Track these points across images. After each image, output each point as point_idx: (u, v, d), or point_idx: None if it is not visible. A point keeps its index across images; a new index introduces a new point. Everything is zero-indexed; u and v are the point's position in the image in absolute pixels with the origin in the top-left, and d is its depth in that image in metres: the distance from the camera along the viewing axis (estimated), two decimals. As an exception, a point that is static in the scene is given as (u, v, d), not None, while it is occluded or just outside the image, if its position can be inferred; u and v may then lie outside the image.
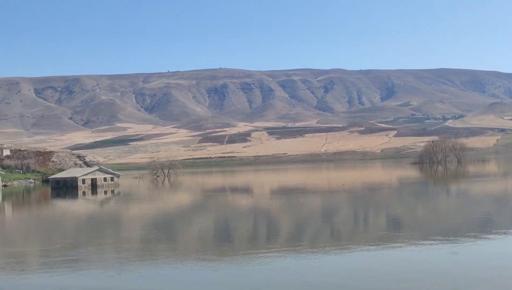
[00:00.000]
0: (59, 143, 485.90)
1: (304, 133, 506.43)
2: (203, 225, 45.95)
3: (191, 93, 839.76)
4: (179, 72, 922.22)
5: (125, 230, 44.33)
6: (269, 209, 57.61)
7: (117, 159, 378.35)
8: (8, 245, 37.16)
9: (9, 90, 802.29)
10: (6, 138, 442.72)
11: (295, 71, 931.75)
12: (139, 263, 28.20)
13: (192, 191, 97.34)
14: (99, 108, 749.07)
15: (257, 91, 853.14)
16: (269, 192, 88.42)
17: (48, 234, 42.86)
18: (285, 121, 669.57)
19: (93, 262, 28.85)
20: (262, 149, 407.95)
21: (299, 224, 44.03)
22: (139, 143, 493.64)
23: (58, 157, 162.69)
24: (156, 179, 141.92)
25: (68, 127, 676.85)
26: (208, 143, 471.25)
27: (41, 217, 60.82)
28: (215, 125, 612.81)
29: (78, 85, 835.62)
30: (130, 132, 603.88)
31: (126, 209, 64.93)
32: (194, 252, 31.65)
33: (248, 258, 28.83)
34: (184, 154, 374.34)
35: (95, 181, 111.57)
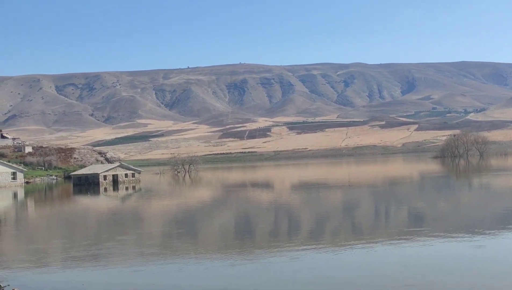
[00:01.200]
0: (81, 139, 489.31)
1: (324, 127, 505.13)
2: (224, 220, 46.01)
3: (211, 88, 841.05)
4: (199, 68, 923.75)
5: (146, 226, 44.52)
6: (289, 204, 57.55)
7: (138, 155, 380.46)
8: (31, 241, 37.48)
9: (30, 88, 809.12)
10: (28, 135, 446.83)
11: (315, 65, 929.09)
12: (160, 258, 28.30)
13: (212, 187, 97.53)
14: (119, 104, 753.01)
15: (277, 86, 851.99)
16: (289, 187, 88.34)
17: (70, 230, 43.17)
18: (305, 116, 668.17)
19: (115, 258, 28.99)
20: (282, 144, 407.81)
21: (320, 219, 43.92)
22: (159, 139, 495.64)
23: (80, 154, 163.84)
24: (177, 175, 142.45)
25: (89, 124, 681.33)
26: (228, 139, 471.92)
27: (64, 213, 61.27)
28: (235, 121, 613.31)
29: (99, 82, 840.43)
30: (150, 128, 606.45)
31: (147, 205, 65.22)
32: (215, 247, 31.68)
33: (269, 253, 28.79)
34: (204, 150, 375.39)
35: (116, 177, 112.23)
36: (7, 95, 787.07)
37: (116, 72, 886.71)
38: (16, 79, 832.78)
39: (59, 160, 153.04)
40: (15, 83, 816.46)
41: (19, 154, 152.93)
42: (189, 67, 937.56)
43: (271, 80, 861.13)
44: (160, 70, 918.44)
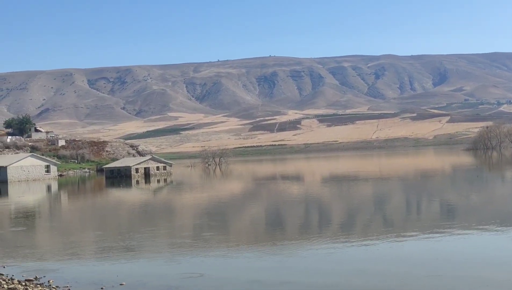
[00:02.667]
0: (112, 133, 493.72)
1: (355, 120, 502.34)
2: (254, 213, 46.31)
3: (241, 81, 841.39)
4: (228, 61, 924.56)
5: (178, 218, 45.04)
6: (320, 196, 57.66)
7: (169, 148, 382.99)
8: (65, 233, 38.16)
9: (63, 82, 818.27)
10: (61, 129, 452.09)
11: (345, 57, 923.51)
12: (191, 250, 28.66)
13: (243, 179, 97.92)
14: (151, 98, 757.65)
15: (307, 78, 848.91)
16: (320, 179, 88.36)
17: (103, 222, 43.86)
18: (335, 108, 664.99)
19: (147, 249, 29.45)
20: (312, 137, 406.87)
21: (351, 212, 43.99)
22: (190, 132, 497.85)
23: (112, 147, 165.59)
24: (208, 168, 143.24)
25: (121, 117, 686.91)
26: (259, 132, 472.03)
27: (96, 205, 62.20)
28: (265, 114, 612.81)
29: (130, 76, 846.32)
30: (181, 121, 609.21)
31: (179, 198, 65.85)
32: (246, 240, 32.00)
33: (299, 245, 29.00)
34: (235, 143, 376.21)
35: (148, 170, 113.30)
36: (41, 89, 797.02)
37: (147, 65, 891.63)
38: (49, 73, 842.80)
39: (92, 153, 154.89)
40: (48, 77, 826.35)
41: (53, 148, 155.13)
42: (219, 60, 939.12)
43: (301, 73, 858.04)
44: (191, 63, 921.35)
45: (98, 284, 20.87)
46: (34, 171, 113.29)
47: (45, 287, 20.36)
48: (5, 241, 34.82)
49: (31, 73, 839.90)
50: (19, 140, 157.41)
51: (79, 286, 20.51)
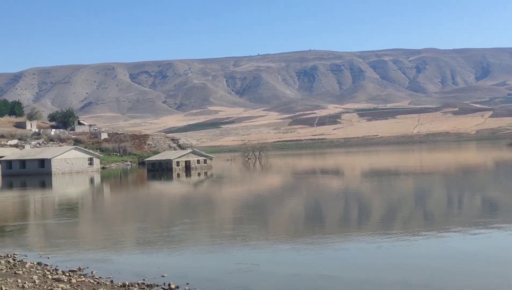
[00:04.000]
0: (154, 126, 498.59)
1: (395, 114, 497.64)
2: (294, 207, 46.41)
3: (280, 75, 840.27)
4: (268, 55, 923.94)
5: (218, 211, 45.40)
6: (360, 191, 57.45)
7: (209, 141, 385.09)
8: (108, 225, 38.83)
9: (105, 76, 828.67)
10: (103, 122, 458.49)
11: (386, 51, 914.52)
12: (231, 243, 28.91)
13: (282, 173, 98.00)
14: (191, 91, 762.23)
15: (347, 72, 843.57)
16: (360, 174, 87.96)
17: (145, 215, 44.45)
18: (376, 103, 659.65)
19: (188, 242, 29.80)
20: (352, 131, 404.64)
21: (390, 207, 43.78)
22: (230, 126, 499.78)
23: (153, 140, 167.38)
24: (247, 162, 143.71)
25: (162, 111, 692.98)
26: (298, 126, 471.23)
27: (138, 198, 63.01)
28: (305, 108, 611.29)
29: (171, 70, 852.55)
30: (221, 115, 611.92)
31: (219, 191, 66.30)
32: (285, 233, 32.13)
33: (339, 240, 29.03)
34: (274, 137, 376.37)
35: (188, 163, 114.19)
36: (84, 83, 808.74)
37: (188, 59, 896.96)
38: (92, 67, 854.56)
39: (134, 146, 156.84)
40: (91, 71, 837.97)
41: (95, 141, 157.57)
42: (259, 54, 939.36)
43: (341, 67, 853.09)
44: (231, 57, 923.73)
45: (140, 275, 21.25)
46: (77, 163, 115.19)
47: (88, 278, 20.80)
48: (50, 232, 35.61)
49: (74, 67, 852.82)
50: (62, 133, 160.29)
51: (121, 277, 20.92)
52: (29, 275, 20.71)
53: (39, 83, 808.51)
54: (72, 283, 19.43)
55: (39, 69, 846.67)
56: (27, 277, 20.26)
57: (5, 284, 18.50)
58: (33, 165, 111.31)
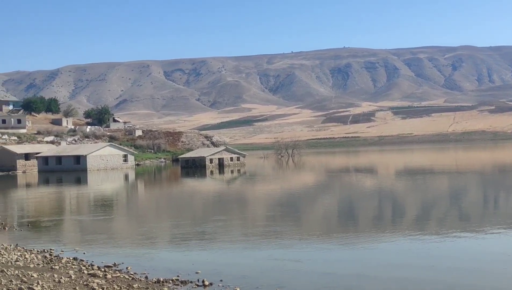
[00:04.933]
0: (187, 124, 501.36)
1: (430, 112, 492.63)
2: (327, 205, 46.30)
3: (314, 73, 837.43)
4: (302, 52, 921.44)
5: (251, 208, 45.52)
6: (394, 190, 57.04)
7: (242, 139, 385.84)
8: (142, 221, 39.17)
9: (140, 73, 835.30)
10: (138, 119, 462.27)
11: (421, 48, 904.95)
12: (264, 240, 28.95)
13: (316, 171, 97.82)
14: (225, 89, 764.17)
15: (382, 70, 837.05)
16: (394, 172, 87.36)
17: (178, 211, 44.77)
18: (410, 101, 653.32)
19: (221, 239, 29.91)
20: (386, 129, 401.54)
21: (425, 206, 43.37)
22: (263, 123, 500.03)
23: (187, 137, 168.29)
24: (280, 159, 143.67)
25: (196, 108, 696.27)
26: (332, 124, 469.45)
27: (172, 195, 63.48)
28: (339, 105, 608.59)
29: (205, 67, 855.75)
30: (254, 112, 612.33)
31: (252, 188, 66.43)
32: (318, 231, 32.07)
33: (372, 238, 28.89)
34: (307, 135, 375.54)
35: (222, 160, 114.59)
36: (119, 80, 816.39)
37: (222, 57, 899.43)
38: (127, 64, 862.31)
39: (168, 144, 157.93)
40: (126, 69, 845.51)
41: (130, 137, 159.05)
42: (292, 52, 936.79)
43: (376, 64, 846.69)
44: (264, 55, 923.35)
45: (174, 271, 21.40)
46: (112, 160, 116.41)
47: (123, 274, 21.03)
48: (85, 228, 36.08)
49: (110, 64, 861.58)
50: (98, 130, 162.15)
51: (156, 273, 21.10)
52: (65, 270, 21.02)
53: (75, 81, 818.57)
54: (107, 279, 19.66)
55: (75, 66, 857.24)
56: (63, 272, 20.56)
57: (42, 279, 18.81)
58: (69, 162, 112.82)
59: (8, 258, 23.17)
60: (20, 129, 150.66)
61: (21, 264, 22.02)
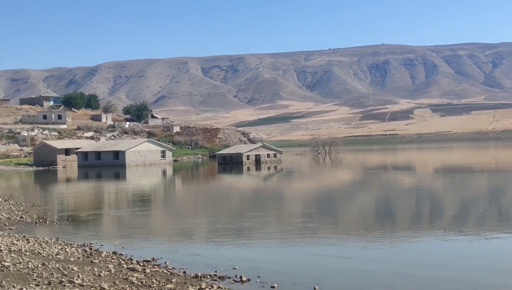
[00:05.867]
0: (224, 120, 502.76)
1: (470, 110, 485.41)
2: (364, 202, 46.05)
3: (352, 70, 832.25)
4: (340, 49, 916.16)
5: (287, 205, 45.53)
6: (432, 188, 56.42)
7: (279, 136, 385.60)
8: (179, 217, 39.48)
9: (178, 70, 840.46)
10: (176, 116, 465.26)
11: (461, 45, 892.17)
12: (301, 237, 28.95)
13: (353, 169, 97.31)
14: (262, 86, 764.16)
15: (420, 67, 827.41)
16: (432, 170, 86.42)
17: (215, 207, 45.00)
18: (449, 98, 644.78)
19: (258, 235, 29.98)
20: (425, 127, 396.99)
21: (464, 205, 42.84)
22: (300, 120, 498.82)
23: (224, 134, 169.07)
24: (317, 156, 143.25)
25: (233, 105, 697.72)
26: (369, 121, 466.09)
27: (209, 190, 63.83)
28: (376, 102, 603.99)
29: (242, 64, 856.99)
30: (291, 109, 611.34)
31: (288, 185, 66.42)
32: (355, 229, 31.95)
33: (410, 237, 28.67)
34: (344, 132, 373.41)
35: (259, 157, 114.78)
36: (157, 76, 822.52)
37: (259, 54, 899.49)
38: (165, 61, 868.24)
39: (205, 140, 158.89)
40: (164, 65, 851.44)
41: (168, 134, 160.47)
42: (330, 48, 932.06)
43: (414, 61, 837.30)
44: (302, 51, 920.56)
45: (212, 267, 21.56)
46: (150, 156, 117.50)
47: (162, 268, 21.26)
48: (124, 223, 36.53)
49: (148, 61, 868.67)
50: (136, 126, 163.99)
51: (193, 268, 21.28)
52: (105, 264, 21.33)
53: (114, 77, 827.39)
54: (146, 273, 19.90)
55: (114, 63, 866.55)
56: (103, 266, 20.87)
57: (82, 272, 19.13)
58: (108, 157, 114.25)
59: (49, 251, 23.61)
60: (60, 124, 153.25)
61: (62, 257, 22.42)
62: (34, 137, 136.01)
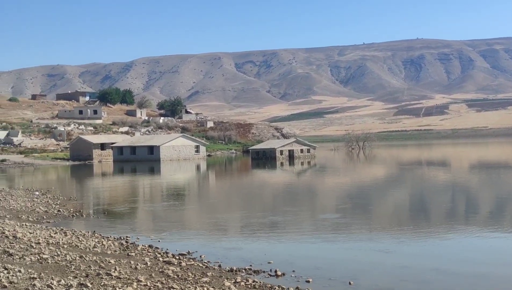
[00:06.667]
0: (258, 115, 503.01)
1: (506, 105, 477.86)
2: (398, 198, 45.75)
3: (386, 65, 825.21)
4: (374, 44, 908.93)
5: (320, 200, 45.45)
6: (467, 184, 55.78)
7: (312, 131, 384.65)
8: (213, 211, 39.65)
9: (212, 65, 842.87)
10: (209, 111, 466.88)
11: (497, 40, 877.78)
12: (334, 232, 28.91)
13: (387, 164, 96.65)
14: (295, 81, 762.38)
15: (456, 61, 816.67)
16: (467, 166, 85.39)
17: (249, 202, 45.11)
18: (485, 93, 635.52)
19: (291, 229, 30.00)
20: (460, 122, 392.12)
21: (500, 201, 42.23)
22: (334, 115, 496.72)
23: (257, 129, 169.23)
24: (351, 152, 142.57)
25: (266, 100, 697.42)
26: (404, 116, 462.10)
27: (242, 185, 64.00)
28: (411, 97, 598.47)
29: (276, 59, 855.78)
30: (325, 104, 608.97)
31: (322, 180, 66.26)
32: (389, 224, 31.78)
33: (446, 232, 28.41)
34: (379, 127, 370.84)
35: (292, 152, 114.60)
36: (191, 72, 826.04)
37: (292, 49, 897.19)
38: (199, 57, 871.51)
39: (238, 135, 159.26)
40: (198, 61, 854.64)
41: (202, 129, 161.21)
42: (364, 43, 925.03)
43: (450, 56, 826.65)
44: (335, 46, 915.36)
45: (247, 261, 21.64)
46: (184, 150, 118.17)
47: (197, 262, 21.40)
48: (159, 217, 36.86)
49: (182, 56, 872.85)
50: (170, 121, 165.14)
51: (228, 262, 21.38)
52: (141, 257, 21.56)
53: (149, 72, 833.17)
54: (182, 266, 20.07)
55: (148, 58, 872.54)
56: (140, 259, 21.10)
57: (119, 265, 19.36)
58: (143, 152, 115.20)
59: (86, 244, 23.95)
60: (96, 119, 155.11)
61: (98, 250, 22.73)
62: (70, 132, 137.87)
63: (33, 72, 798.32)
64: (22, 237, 24.11)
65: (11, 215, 33.92)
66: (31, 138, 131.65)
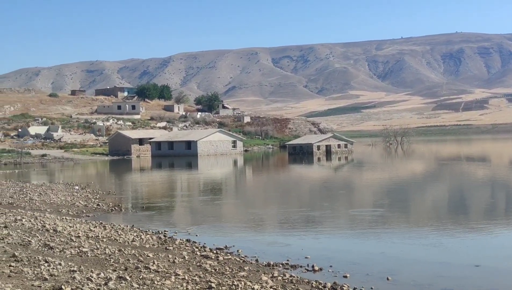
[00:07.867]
0: (295, 110, 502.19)
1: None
2: (437, 194, 45.25)
3: (424, 59, 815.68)
4: (412, 38, 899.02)
5: (358, 195, 45.22)
6: (508, 180, 54.90)
7: (349, 126, 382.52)
8: (250, 205, 39.77)
9: (249, 60, 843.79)
10: (246, 106, 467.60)
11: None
12: (371, 227, 28.79)
13: (425, 160, 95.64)
14: (332, 76, 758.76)
15: (496, 55, 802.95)
16: (508, 162, 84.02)
17: (286, 197, 45.08)
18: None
19: (328, 225, 29.96)
20: (501, 117, 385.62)
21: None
22: (371, 110, 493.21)
23: (294, 124, 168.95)
24: (389, 147, 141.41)
25: (303, 95, 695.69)
26: (443, 111, 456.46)
27: (280, 180, 63.98)
28: (450, 92, 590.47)
29: (313, 54, 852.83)
30: (362, 99, 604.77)
31: (359, 176, 65.91)
32: (427, 220, 31.45)
33: (486, 229, 28.05)
34: (417, 122, 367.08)
35: (329, 147, 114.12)
36: (228, 67, 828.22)
37: (330, 43, 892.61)
38: (236, 52, 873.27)
39: (275, 130, 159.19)
40: (235, 56, 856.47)
41: (239, 124, 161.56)
42: (402, 37, 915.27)
43: (490, 50, 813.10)
44: (373, 41, 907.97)
45: (284, 256, 21.66)
46: (221, 146, 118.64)
47: (234, 256, 21.49)
48: (196, 211, 37.12)
49: (219, 52, 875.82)
50: (208, 116, 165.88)
51: (265, 257, 21.42)
52: (179, 251, 21.74)
53: (186, 68, 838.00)
54: (219, 261, 20.18)
55: (186, 54, 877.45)
56: (177, 253, 21.28)
57: (157, 259, 19.56)
58: (180, 147, 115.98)
59: (125, 238, 24.24)
60: (134, 115, 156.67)
61: (137, 244, 22.98)
62: (109, 127, 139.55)
63: (72, 68, 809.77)
64: (62, 231, 24.51)
65: (52, 209, 34.51)
66: (70, 133, 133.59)
